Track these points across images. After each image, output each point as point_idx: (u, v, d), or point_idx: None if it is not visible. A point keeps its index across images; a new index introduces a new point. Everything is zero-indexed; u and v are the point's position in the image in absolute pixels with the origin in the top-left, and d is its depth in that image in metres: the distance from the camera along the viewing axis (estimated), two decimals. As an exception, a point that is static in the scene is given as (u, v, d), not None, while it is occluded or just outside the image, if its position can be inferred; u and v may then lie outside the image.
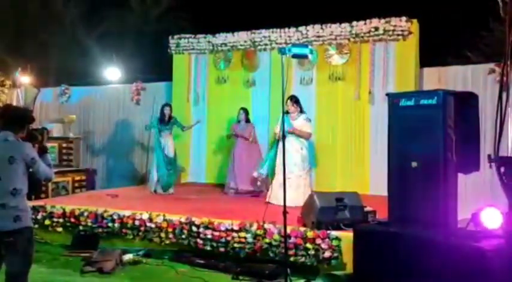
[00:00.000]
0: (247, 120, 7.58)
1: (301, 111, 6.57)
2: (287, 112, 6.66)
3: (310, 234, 4.66)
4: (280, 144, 6.48)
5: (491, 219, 3.50)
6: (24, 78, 10.63)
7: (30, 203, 5.94)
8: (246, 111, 7.59)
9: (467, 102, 3.76)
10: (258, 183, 7.22)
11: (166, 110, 7.69)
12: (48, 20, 15.13)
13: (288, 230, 4.40)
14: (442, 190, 3.63)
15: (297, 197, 5.95)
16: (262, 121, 8.01)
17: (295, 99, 6.55)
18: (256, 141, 7.63)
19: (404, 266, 3.66)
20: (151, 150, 8.73)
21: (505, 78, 2.30)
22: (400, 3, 8.14)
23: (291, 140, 6.36)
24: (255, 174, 7.01)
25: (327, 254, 4.53)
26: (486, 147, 5.20)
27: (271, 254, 4.79)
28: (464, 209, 3.76)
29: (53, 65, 15.55)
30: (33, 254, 3.38)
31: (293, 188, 6.10)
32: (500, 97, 2.30)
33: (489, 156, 2.40)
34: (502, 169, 2.34)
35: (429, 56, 7.98)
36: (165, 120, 7.67)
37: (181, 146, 8.65)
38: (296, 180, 6.31)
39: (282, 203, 6.11)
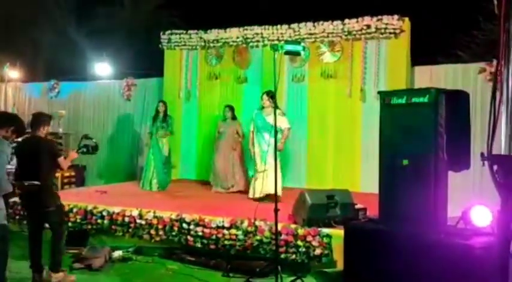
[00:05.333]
0: (234, 117, 7.51)
1: (276, 107, 6.47)
2: (262, 107, 6.67)
3: (301, 231, 4.66)
4: (255, 142, 6.55)
5: (481, 217, 3.53)
6: (13, 73, 10.52)
7: (19, 200, 5.90)
8: (231, 108, 7.51)
9: (458, 100, 3.78)
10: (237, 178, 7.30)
11: (159, 107, 7.64)
12: (38, 14, 14.97)
13: (279, 227, 4.39)
14: (432, 188, 3.65)
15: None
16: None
17: (271, 94, 6.48)
18: (242, 137, 7.52)
19: (395, 263, 3.67)
20: (143, 147, 8.68)
21: (498, 77, 2.31)
22: (392, 2, 8.17)
23: (266, 136, 6.36)
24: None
25: (318, 251, 4.54)
26: (476, 145, 5.24)
27: (262, 251, 4.79)
28: (455, 207, 3.78)
29: (42, 60, 15.40)
30: (6, 252, 3.44)
31: (269, 179, 6.01)
32: (494, 95, 2.30)
33: (482, 154, 2.40)
34: (495, 167, 2.35)
35: (420, 55, 8.02)
36: (160, 117, 7.59)
37: (172, 142, 8.60)
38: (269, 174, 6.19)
39: (257, 195, 6.21)
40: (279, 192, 6.17)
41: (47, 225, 4.54)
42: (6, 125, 4.04)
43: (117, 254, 5.10)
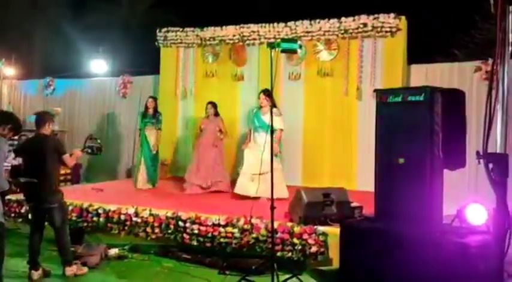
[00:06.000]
0: (216, 114, 7.36)
1: (273, 106, 6.41)
2: (260, 106, 6.63)
3: (297, 229, 4.66)
4: (253, 141, 6.50)
5: (476, 215, 3.54)
6: (8, 70, 10.46)
7: (14, 197, 5.89)
8: (214, 105, 7.36)
9: (454, 99, 3.79)
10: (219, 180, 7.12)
11: (149, 102, 7.60)
12: (33, 10, 14.89)
13: (275, 225, 4.40)
14: (428, 186, 3.66)
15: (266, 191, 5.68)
16: (250, 116, 7.96)
17: (268, 93, 6.45)
18: (225, 135, 7.34)
19: (390, 261, 3.68)
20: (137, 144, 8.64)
21: (494, 76, 2.32)
22: (388, 0, 8.17)
23: (263, 135, 6.30)
24: (239, 168, 6.84)
25: (314, 249, 4.54)
26: (471, 144, 5.26)
27: (258, 249, 4.79)
28: (450, 205, 3.80)
29: (37, 56, 15.33)
30: (3, 250, 3.51)
31: (267, 183, 5.84)
32: (489, 94, 2.31)
33: (478, 152, 2.42)
34: (491, 166, 2.36)
35: (417, 53, 8.03)
36: (149, 113, 7.56)
37: (168, 140, 8.59)
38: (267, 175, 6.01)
39: (247, 193, 6.17)
40: (286, 195, 6.13)
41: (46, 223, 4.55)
42: (2, 123, 4.09)
43: (113, 251, 5.09)
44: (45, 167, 4.41)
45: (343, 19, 7.60)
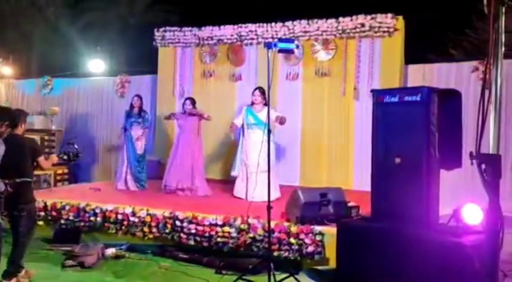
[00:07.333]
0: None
1: (266, 104, 6.31)
2: (252, 103, 6.61)
3: (294, 229, 4.67)
4: (247, 138, 6.47)
5: (472, 215, 3.55)
6: (6, 70, 10.44)
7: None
8: (193, 101, 7.14)
9: (450, 99, 3.80)
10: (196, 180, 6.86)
11: (134, 101, 7.44)
12: (30, 9, 14.88)
13: (272, 225, 4.40)
14: (424, 186, 3.67)
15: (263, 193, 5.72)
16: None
17: (262, 90, 6.44)
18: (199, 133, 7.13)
19: (386, 260, 3.69)
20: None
21: (487, 76, 2.33)
22: (386, 0, 8.19)
23: (258, 133, 6.28)
24: (232, 173, 6.69)
25: (311, 248, 4.55)
26: (468, 144, 5.27)
27: (254, 249, 4.79)
28: (447, 205, 3.81)
29: (35, 56, 15.33)
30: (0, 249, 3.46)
31: (263, 185, 5.74)
32: (482, 94, 2.32)
33: (471, 153, 2.43)
34: (483, 166, 2.37)
35: (414, 53, 8.05)
36: (135, 112, 7.42)
37: (165, 140, 8.59)
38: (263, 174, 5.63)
39: (244, 197, 6.23)
40: (277, 195, 6.11)
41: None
42: (1, 120, 3.95)
43: (110, 251, 5.08)
44: (21, 168, 4.04)
45: (340, 19, 7.61)
